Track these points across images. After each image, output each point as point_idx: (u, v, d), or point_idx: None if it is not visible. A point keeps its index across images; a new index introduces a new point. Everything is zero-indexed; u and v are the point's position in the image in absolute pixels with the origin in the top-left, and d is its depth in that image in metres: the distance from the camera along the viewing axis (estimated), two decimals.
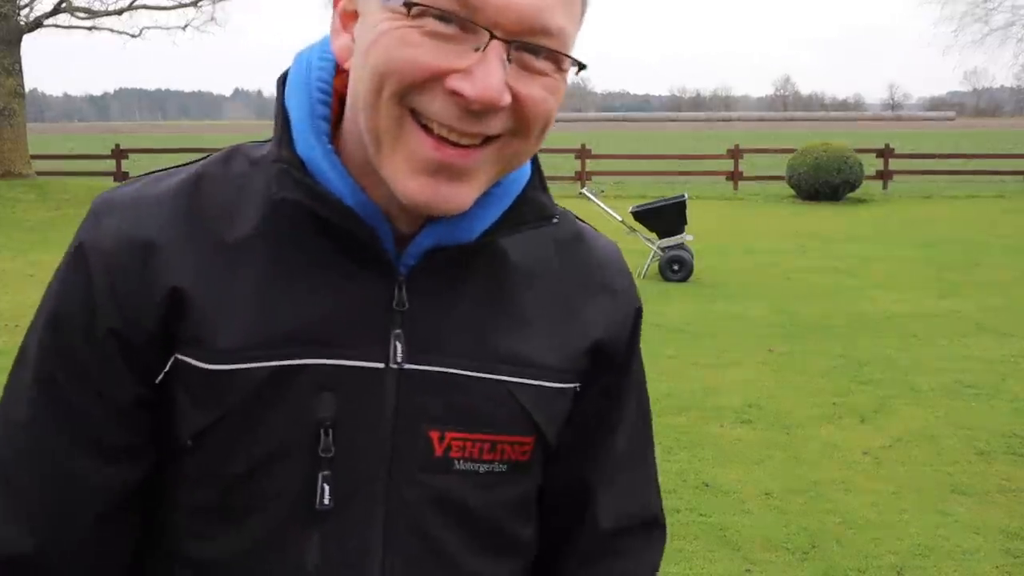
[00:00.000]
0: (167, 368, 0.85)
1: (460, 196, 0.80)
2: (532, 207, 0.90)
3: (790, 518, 4.21)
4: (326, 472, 0.85)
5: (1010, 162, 23.72)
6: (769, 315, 8.49)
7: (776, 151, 23.46)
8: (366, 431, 0.85)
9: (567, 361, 0.93)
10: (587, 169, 22.13)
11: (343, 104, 0.88)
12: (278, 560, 0.86)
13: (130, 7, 24.55)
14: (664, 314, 8.50)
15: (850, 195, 19.17)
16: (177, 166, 0.93)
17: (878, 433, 5.34)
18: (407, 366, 0.86)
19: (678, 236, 10.26)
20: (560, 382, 0.93)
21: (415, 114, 0.78)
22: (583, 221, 1.02)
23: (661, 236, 10.32)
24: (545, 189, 0.92)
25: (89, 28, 24.66)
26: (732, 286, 9.91)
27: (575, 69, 0.83)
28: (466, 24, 0.76)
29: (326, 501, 0.85)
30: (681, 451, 5.02)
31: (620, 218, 10.86)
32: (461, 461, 0.89)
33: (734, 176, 22.04)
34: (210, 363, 0.84)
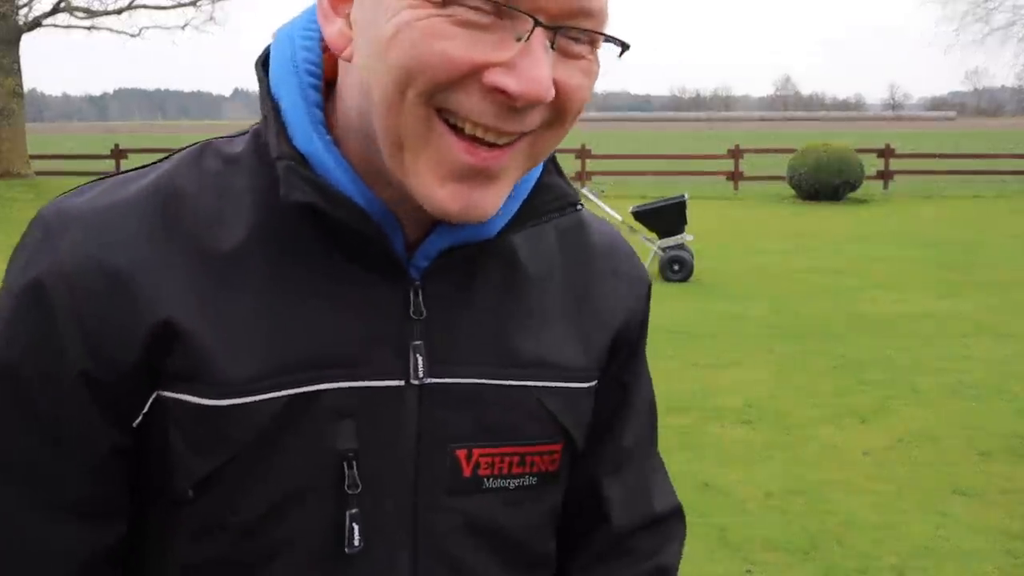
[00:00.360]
0: (146, 409, 0.74)
1: (491, 200, 0.72)
2: (552, 195, 0.82)
3: (791, 519, 4.19)
4: (354, 510, 0.75)
5: (1011, 162, 23.71)
6: (769, 315, 8.48)
7: (776, 151, 23.44)
8: (390, 458, 0.77)
9: (592, 359, 0.87)
10: (587, 169, 22.11)
11: (328, 87, 0.79)
12: None
13: (129, 7, 24.55)
14: (664, 314, 8.48)
15: (851, 195, 19.16)
16: (138, 168, 0.80)
17: (879, 433, 5.32)
18: (428, 380, 0.77)
19: (678, 236, 10.25)
20: (585, 381, 0.87)
21: (442, 112, 0.69)
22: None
23: (661, 236, 10.32)
24: (561, 173, 0.84)
25: (88, 28, 24.65)
26: (732, 286, 9.90)
27: (618, 50, 0.74)
28: (504, 11, 0.67)
29: (356, 543, 0.76)
30: (681, 452, 5.01)
31: (620, 218, 10.84)
32: (491, 479, 0.81)
33: (734, 176, 22.03)
34: (212, 398, 0.72)
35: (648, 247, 10.56)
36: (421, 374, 0.77)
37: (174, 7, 25.74)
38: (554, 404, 0.83)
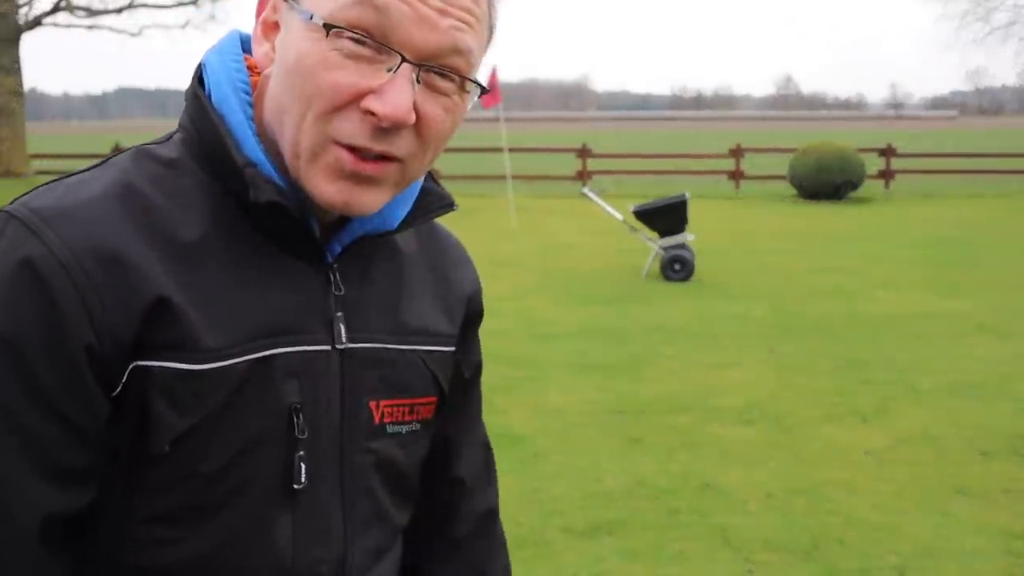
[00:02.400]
0: (124, 379, 0.85)
1: (373, 199, 0.89)
2: (434, 197, 1.01)
3: (792, 519, 4.19)
4: (301, 453, 0.91)
5: (1012, 161, 23.64)
6: (770, 315, 8.47)
7: (778, 151, 23.43)
8: (324, 409, 0.93)
9: (453, 327, 1.07)
10: (588, 168, 22.11)
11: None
12: (254, 547, 0.91)
13: (129, 6, 24.54)
14: (665, 314, 8.48)
15: (852, 195, 19.14)
16: (79, 171, 0.92)
17: (880, 433, 5.32)
18: (347, 346, 0.95)
19: (679, 236, 10.24)
20: (450, 346, 1.06)
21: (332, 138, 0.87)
22: None
23: (662, 235, 10.30)
24: (436, 180, 1.04)
25: (88, 27, 24.65)
26: (733, 286, 9.89)
27: (477, 92, 0.91)
28: (380, 47, 0.83)
29: (303, 479, 0.92)
30: (682, 451, 5.01)
31: (622, 217, 10.85)
32: (392, 425, 0.99)
33: (736, 175, 22.02)
34: (195, 364, 0.85)
35: (649, 246, 10.55)
36: (344, 340, 0.94)
37: (175, 6, 25.71)
38: (432, 364, 1.03)
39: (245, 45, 0.97)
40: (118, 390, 0.85)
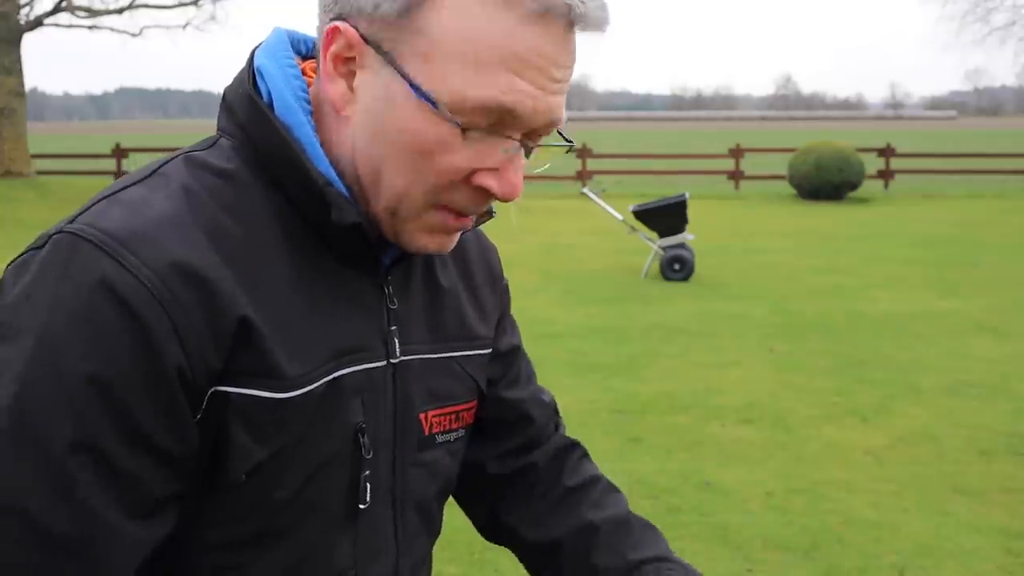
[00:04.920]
0: (203, 405, 0.80)
1: (455, 241, 0.91)
2: None
3: (791, 518, 4.20)
4: (367, 472, 0.90)
5: (1012, 161, 23.65)
6: (770, 315, 8.48)
7: (777, 150, 23.44)
8: (381, 425, 0.92)
9: (490, 328, 1.07)
10: (588, 168, 22.12)
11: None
12: (322, 567, 0.90)
13: (130, 6, 24.51)
14: (665, 314, 8.49)
15: (851, 194, 19.15)
16: (128, 185, 0.85)
17: (879, 433, 5.33)
18: (400, 359, 0.94)
19: (679, 235, 10.24)
20: (488, 348, 1.06)
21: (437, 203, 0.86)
22: None
23: (662, 235, 10.31)
24: None
25: (89, 27, 24.65)
26: (733, 286, 9.90)
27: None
28: (500, 131, 0.83)
29: (368, 499, 0.91)
30: (682, 451, 5.02)
31: (621, 217, 10.85)
32: (440, 435, 0.99)
33: (735, 175, 22.03)
34: (280, 392, 0.82)
35: (649, 246, 10.56)
36: (398, 354, 0.93)
37: (175, 6, 25.70)
38: (472, 369, 1.03)
39: (292, 44, 0.93)
40: (198, 417, 0.81)
